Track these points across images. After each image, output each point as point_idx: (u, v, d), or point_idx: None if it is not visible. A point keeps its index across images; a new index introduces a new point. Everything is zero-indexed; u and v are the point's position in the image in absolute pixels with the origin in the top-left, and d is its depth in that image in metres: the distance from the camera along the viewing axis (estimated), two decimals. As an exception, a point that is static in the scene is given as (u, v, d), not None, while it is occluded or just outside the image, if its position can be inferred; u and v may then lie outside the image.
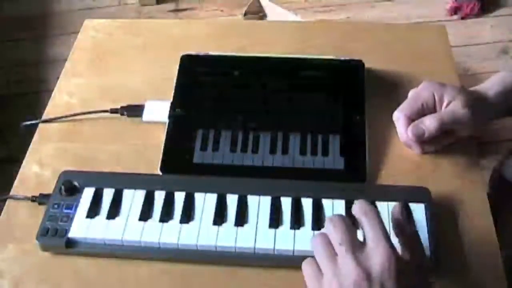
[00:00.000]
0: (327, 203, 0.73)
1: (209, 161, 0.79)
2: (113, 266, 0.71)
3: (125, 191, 0.75)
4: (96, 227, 0.72)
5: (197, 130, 0.82)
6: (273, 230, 0.71)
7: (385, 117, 0.81)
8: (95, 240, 0.71)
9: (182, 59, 0.91)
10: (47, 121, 0.87)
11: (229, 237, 0.70)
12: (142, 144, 0.83)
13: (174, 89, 0.87)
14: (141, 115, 0.85)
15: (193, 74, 0.90)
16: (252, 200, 0.74)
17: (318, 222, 0.71)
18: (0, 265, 0.71)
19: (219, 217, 0.72)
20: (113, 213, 0.73)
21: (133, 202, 0.74)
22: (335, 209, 0.72)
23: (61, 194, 0.75)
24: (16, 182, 0.80)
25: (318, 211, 0.72)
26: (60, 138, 0.85)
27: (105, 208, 0.73)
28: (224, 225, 0.71)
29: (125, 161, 0.81)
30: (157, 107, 0.85)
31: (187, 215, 0.72)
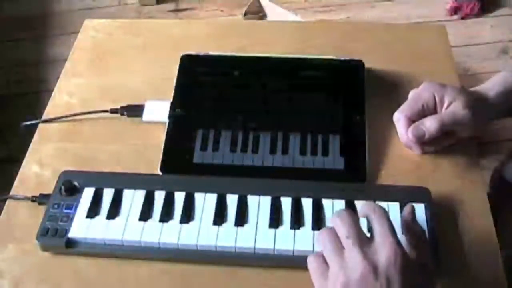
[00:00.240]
0: (327, 203, 0.73)
1: (209, 161, 0.79)
2: (113, 266, 0.71)
3: (125, 191, 0.75)
4: (96, 227, 0.72)
5: (197, 130, 0.82)
6: (273, 230, 0.71)
7: (385, 117, 0.81)
8: (95, 240, 0.71)
9: (182, 59, 0.91)
10: (47, 121, 0.87)
11: (229, 237, 0.70)
12: (142, 144, 0.83)
13: (174, 89, 0.87)
14: (141, 115, 0.85)
15: (193, 74, 0.90)
16: (252, 200, 0.74)
17: (318, 222, 0.71)
18: (0, 265, 0.71)
19: (219, 217, 0.72)
20: (113, 213, 0.73)
21: (133, 202, 0.74)
22: (335, 209, 0.72)
23: (61, 194, 0.75)
24: (16, 182, 0.80)
25: (318, 211, 0.72)
26: (60, 138, 0.85)
27: (105, 208, 0.73)
28: (224, 225, 0.71)
29: (125, 161, 0.81)
30: (157, 107, 0.85)
31: (187, 215, 0.72)
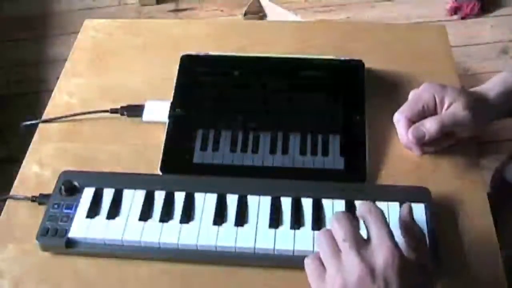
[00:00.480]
0: (327, 203, 0.73)
1: (209, 161, 0.79)
2: (113, 266, 0.71)
3: (125, 191, 0.75)
4: (96, 227, 0.72)
5: (197, 130, 0.82)
6: (273, 230, 0.71)
7: (385, 117, 0.81)
8: (95, 240, 0.71)
9: (182, 59, 0.91)
10: (47, 121, 0.87)
11: (229, 237, 0.70)
12: (142, 144, 0.83)
13: (174, 89, 0.87)
14: (141, 115, 0.85)
15: (193, 74, 0.90)
16: (252, 200, 0.74)
17: (318, 222, 0.71)
18: (0, 265, 0.71)
19: (219, 217, 0.72)
20: (113, 213, 0.73)
21: (133, 202, 0.74)
22: (335, 209, 0.72)
23: (61, 194, 0.75)
24: (16, 182, 0.80)
25: (318, 211, 0.72)
26: (60, 138, 0.85)
27: (105, 208, 0.73)
28: (224, 225, 0.71)
29: (125, 161, 0.81)
30: (157, 107, 0.85)
31: (187, 215, 0.72)
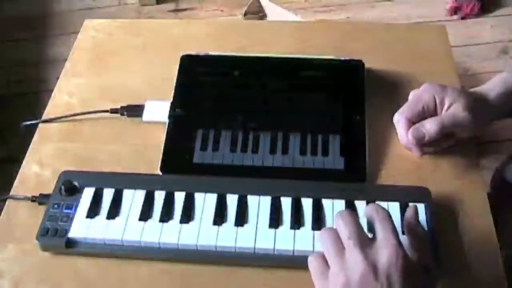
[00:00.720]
0: (327, 203, 0.73)
1: (209, 161, 0.79)
2: (113, 266, 0.71)
3: (125, 191, 0.75)
4: (96, 227, 0.72)
5: (197, 130, 0.82)
6: (273, 230, 0.71)
7: (385, 117, 0.81)
8: (95, 240, 0.71)
9: (182, 59, 0.91)
10: (47, 121, 0.87)
11: (229, 237, 0.70)
12: (142, 144, 0.83)
13: (174, 89, 0.87)
14: (141, 115, 0.85)
15: (193, 74, 0.89)
16: (252, 200, 0.74)
17: (318, 222, 0.71)
18: (0, 265, 0.71)
19: (219, 217, 0.72)
20: (113, 213, 0.73)
21: (133, 202, 0.74)
22: (335, 209, 0.72)
23: (61, 194, 0.75)
24: (16, 182, 0.80)
25: (318, 211, 0.72)
26: (60, 138, 0.85)
27: (105, 208, 0.73)
28: (224, 225, 0.71)
29: (125, 161, 0.81)
30: (157, 107, 0.85)
31: (187, 215, 0.72)
